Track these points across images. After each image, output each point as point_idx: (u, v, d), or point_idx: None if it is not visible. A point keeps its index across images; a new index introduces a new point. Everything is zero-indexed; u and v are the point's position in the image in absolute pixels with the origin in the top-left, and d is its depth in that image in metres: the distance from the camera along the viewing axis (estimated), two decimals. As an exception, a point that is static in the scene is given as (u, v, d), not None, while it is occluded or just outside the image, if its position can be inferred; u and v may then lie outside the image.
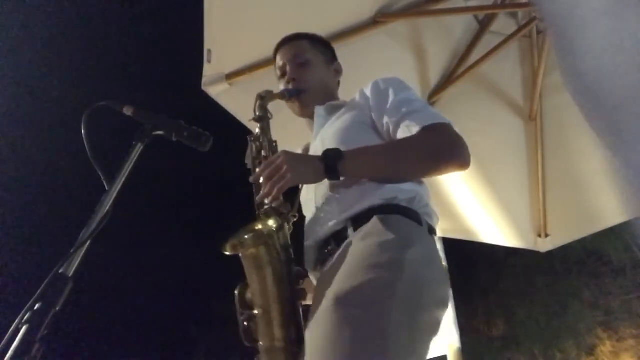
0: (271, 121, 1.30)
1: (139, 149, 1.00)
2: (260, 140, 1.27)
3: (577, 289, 6.85)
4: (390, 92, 1.20)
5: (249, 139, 1.27)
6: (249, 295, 1.03)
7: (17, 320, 0.68)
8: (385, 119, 1.16)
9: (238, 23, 2.08)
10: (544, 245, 2.96)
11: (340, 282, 0.88)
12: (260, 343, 0.99)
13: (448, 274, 1.04)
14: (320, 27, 2.25)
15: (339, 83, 1.48)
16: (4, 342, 0.66)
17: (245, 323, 1.01)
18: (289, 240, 1.07)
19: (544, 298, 6.99)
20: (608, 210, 2.75)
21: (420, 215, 1.06)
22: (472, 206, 2.94)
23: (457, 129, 1.12)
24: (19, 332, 0.67)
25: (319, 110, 1.32)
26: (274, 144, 1.26)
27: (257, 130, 1.29)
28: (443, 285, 0.99)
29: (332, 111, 1.31)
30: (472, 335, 6.74)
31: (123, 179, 0.94)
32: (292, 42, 1.41)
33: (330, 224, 1.08)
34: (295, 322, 1.00)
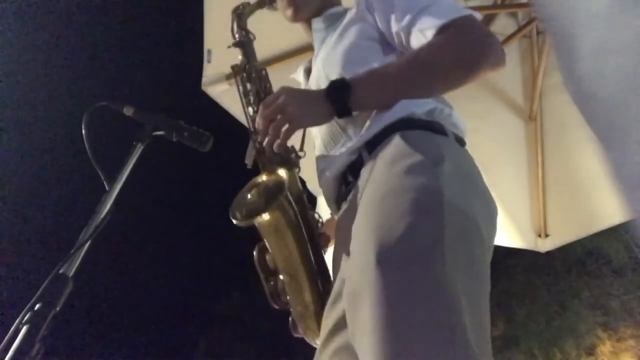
0: (255, 43, 1.17)
1: (139, 149, 1.00)
2: (247, 70, 1.14)
3: (577, 289, 6.85)
4: None
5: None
6: (269, 258, 0.97)
7: (17, 321, 0.68)
8: (394, 28, 0.97)
9: (238, 23, 2.08)
10: (544, 245, 2.95)
11: (377, 235, 0.72)
12: (292, 308, 0.97)
13: (488, 191, 0.89)
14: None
15: None
16: (4, 342, 0.66)
17: (271, 288, 0.96)
18: (301, 186, 1.00)
19: (544, 298, 6.99)
20: (608, 210, 2.75)
21: (445, 126, 0.91)
22: (472, 206, 2.94)
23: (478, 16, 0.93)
24: (19, 332, 0.67)
25: (317, 24, 1.14)
26: (264, 72, 1.14)
27: (240, 58, 1.17)
28: (485, 202, 0.85)
29: (332, 22, 1.13)
30: (472, 335, 6.72)
31: (123, 179, 0.94)
32: None
33: (344, 151, 0.94)
34: (322, 275, 0.96)
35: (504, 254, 6.86)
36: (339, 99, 0.88)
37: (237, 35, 1.19)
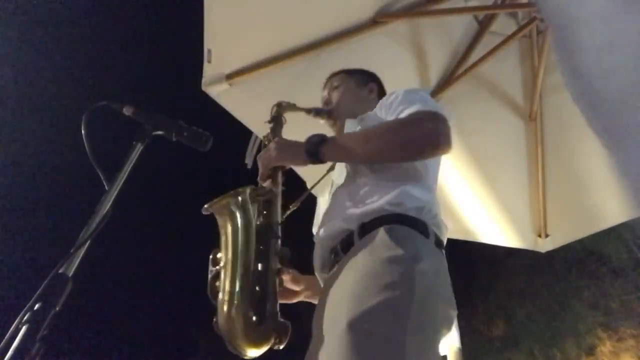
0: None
1: (138, 149, 1.00)
2: (269, 139, 1.37)
3: (577, 289, 6.85)
4: (399, 94, 1.24)
5: (253, 137, 1.35)
6: (219, 254, 1.08)
7: (17, 320, 0.68)
8: (390, 119, 1.20)
9: (238, 23, 2.08)
10: (544, 245, 2.95)
11: (352, 304, 0.87)
12: (219, 296, 1.02)
13: (452, 293, 1.03)
14: (320, 27, 2.26)
15: (377, 99, 1.52)
16: (4, 342, 0.66)
17: (211, 279, 1.06)
18: (276, 218, 1.16)
19: (544, 298, 6.99)
20: (608, 210, 2.75)
21: (428, 227, 1.06)
22: (472, 206, 2.94)
23: (449, 119, 1.11)
24: (19, 332, 0.67)
25: (349, 123, 1.39)
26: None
27: (269, 130, 1.40)
28: (450, 304, 0.99)
29: (361, 122, 1.37)
30: (472, 335, 6.73)
31: (123, 179, 0.94)
32: (332, 76, 1.59)
33: (338, 222, 1.12)
34: (262, 290, 1.03)
35: (504, 254, 6.86)
36: (312, 146, 1.12)
37: (272, 114, 1.43)
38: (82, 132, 1.02)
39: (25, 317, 0.68)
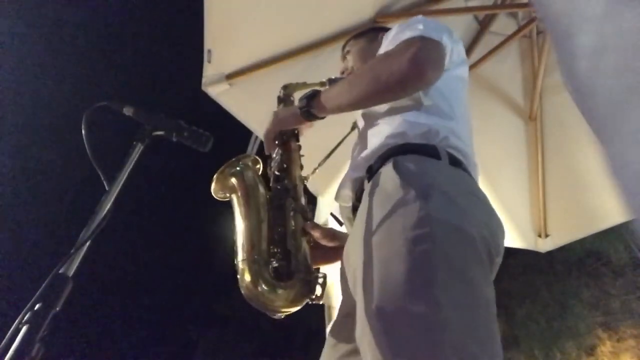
0: None
1: (139, 149, 0.99)
2: None
3: (577, 289, 6.85)
4: (397, 26, 1.14)
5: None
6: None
7: (17, 321, 0.68)
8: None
9: (238, 23, 2.08)
10: (544, 245, 2.95)
11: (376, 282, 0.78)
12: (239, 266, 1.02)
13: (492, 209, 0.92)
14: (320, 27, 2.26)
15: None
16: (4, 342, 0.66)
17: (235, 261, 1.05)
18: (293, 180, 1.16)
19: (544, 298, 6.99)
20: (608, 210, 2.75)
21: (438, 149, 0.95)
22: (472, 206, 2.94)
23: (440, 40, 1.02)
24: (19, 332, 0.67)
25: None
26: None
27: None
28: (483, 226, 0.86)
29: None
30: (472, 335, 6.72)
31: (123, 179, 0.94)
32: (343, 47, 1.51)
33: (349, 174, 1.10)
34: (283, 249, 1.04)
35: (504, 254, 6.84)
36: (305, 102, 1.11)
37: (281, 95, 1.40)
38: (83, 132, 1.02)
39: (26, 318, 0.68)
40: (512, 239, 3.04)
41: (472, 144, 1.10)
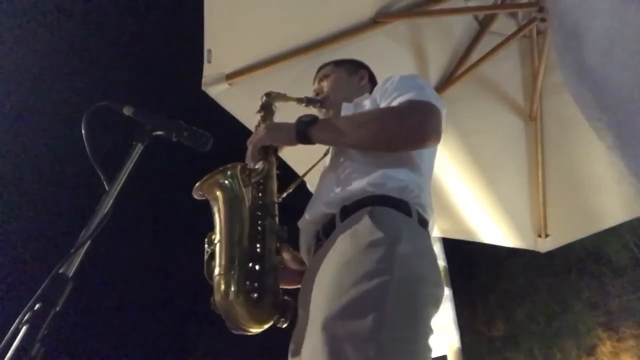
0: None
1: (139, 149, 1.00)
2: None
3: (577, 289, 6.85)
4: (395, 79, 1.22)
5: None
6: (214, 235, 1.09)
7: (17, 321, 0.68)
8: (383, 104, 1.19)
9: (238, 23, 2.08)
10: (544, 245, 2.95)
11: (328, 300, 0.86)
12: (215, 274, 1.02)
13: (440, 271, 1.04)
14: (320, 27, 2.26)
15: (369, 85, 1.52)
16: (4, 342, 0.66)
17: (207, 259, 1.06)
18: (272, 197, 1.16)
19: (544, 298, 6.98)
20: (608, 210, 2.75)
21: (410, 206, 1.04)
22: (472, 206, 2.94)
23: (442, 110, 1.10)
24: (19, 332, 0.67)
25: (346, 107, 1.36)
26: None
27: (259, 119, 1.38)
28: (434, 284, 0.96)
29: (357, 107, 1.36)
30: (472, 335, 6.73)
31: (123, 179, 0.94)
32: (320, 68, 1.57)
33: (320, 207, 1.12)
34: (260, 267, 1.03)
35: (504, 254, 6.86)
36: (302, 126, 1.13)
37: (262, 103, 1.41)
38: (83, 132, 1.02)
39: (26, 318, 0.68)
40: (512, 239, 3.04)
41: (430, 193, 1.18)
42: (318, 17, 2.20)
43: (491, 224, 3.00)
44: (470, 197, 2.91)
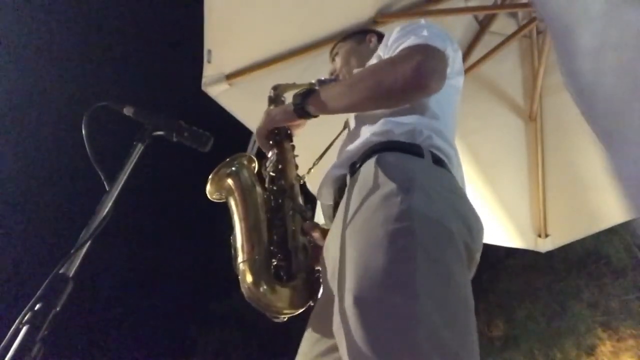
0: None
1: (139, 149, 1.00)
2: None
3: (577, 289, 6.85)
4: (396, 30, 1.14)
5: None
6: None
7: (17, 321, 0.68)
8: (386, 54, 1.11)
9: (238, 23, 2.08)
10: (544, 245, 2.95)
11: (354, 274, 0.77)
12: (239, 267, 1.00)
13: (472, 210, 0.93)
14: (321, 27, 2.26)
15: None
16: (4, 342, 0.66)
17: (234, 259, 1.03)
18: (289, 180, 1.15)
19: (544, 298, 6.98)
20: (608, 210, 2.75)
21: (422, 148, 0.95)
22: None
23: (444, 48, 1.01)
24: (19, 332, 0.67)
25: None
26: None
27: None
28: (459, 233, 0.84)
29: None
30: (472, 335, 6.72)
31: (123, 180, 0.94)
32: (331, 50, 1.54)
33: (332, 170, 1.09)
34: (283, 250, 1.02)
35: (504, 254, 6.86)
36: (299, 100, 1.10)
37: (271, 95, 1.41)
38: (83, 132, 1.02)
39: (26, 318, 0.68)
40: (512, 239, 3.04)
41: (456, 148, 1.07)
42: (318, 17, 2.20)
43: (491, 224, 3.00)
44: (470, 197, 2.91)
